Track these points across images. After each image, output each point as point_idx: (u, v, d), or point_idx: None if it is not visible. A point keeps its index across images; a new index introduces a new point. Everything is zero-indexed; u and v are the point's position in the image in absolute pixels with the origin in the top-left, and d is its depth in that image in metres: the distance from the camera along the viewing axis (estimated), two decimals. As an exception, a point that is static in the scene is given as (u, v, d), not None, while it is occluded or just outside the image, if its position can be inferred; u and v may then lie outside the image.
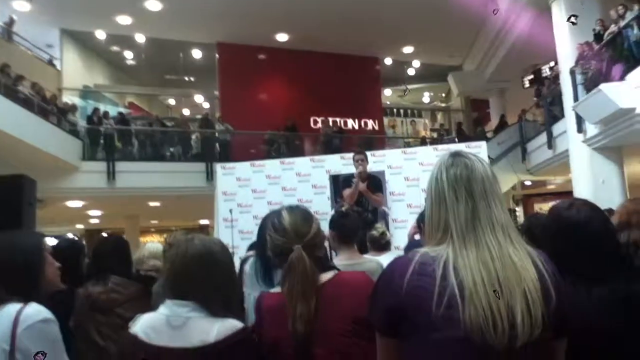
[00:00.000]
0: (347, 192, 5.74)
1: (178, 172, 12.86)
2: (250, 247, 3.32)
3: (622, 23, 8.88)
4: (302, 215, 1.64)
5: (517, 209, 14.95)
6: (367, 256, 3.05)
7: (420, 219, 2.92)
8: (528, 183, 13.93)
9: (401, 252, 3.84)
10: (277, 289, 1.62)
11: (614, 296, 1.46)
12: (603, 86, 8.32)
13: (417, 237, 3.23)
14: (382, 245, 3.55)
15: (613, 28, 9.15)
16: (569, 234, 1.54)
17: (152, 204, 14.38)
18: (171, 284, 1.57)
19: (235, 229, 7.68)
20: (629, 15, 8.75)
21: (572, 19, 7.36)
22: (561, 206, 1.64)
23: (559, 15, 10.51)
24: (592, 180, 9.67)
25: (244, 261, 2.76)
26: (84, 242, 4.21)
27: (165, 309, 1.53)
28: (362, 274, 1.64)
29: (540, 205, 14.34)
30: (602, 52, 9.01)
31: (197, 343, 1.45)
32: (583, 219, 1.55)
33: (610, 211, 7.45)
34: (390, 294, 1.22)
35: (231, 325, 1.49)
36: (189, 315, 1.49)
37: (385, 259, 3.17)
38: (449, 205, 1.25)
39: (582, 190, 9.83)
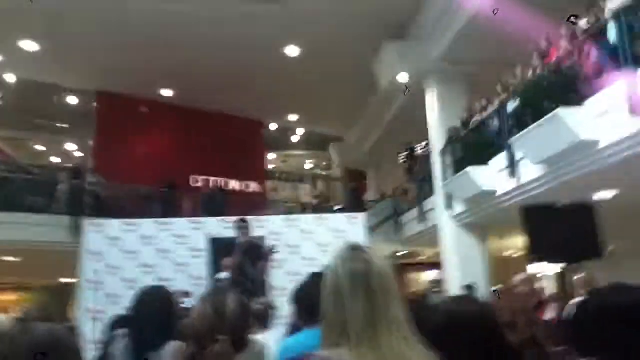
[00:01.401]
0: (227, 261, 5.58)
1: (40, 225, 11.70)
2: (116, 323, 3.02)
3: (485, 114, 9.85)
4: (245, 310, 1.52)
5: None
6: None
7: (294, 298, 2.87)
8: (402, 253, 14.55)
9: (281, 331, 3.75)
10: None
11: None
12: (469, 169, 9.09)
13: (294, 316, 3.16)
14: (265, 321, 3.43)
15: (478, 117, 10.12)
16: (461, 331, 1.57)
17: (8, 258, 12.93)
18: None
19: (102, 292, 7.11)
20: (490, 108, 9.74)
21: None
22: (452, 302, 1.68)
23: (431, 99, 11.50)
24: (459, 254, 10.35)
25: (109, 342, 2.47)
26: None
27: None
28: None
29: (412, 275, 14.98)
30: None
31: None
32: (474, 315, 1.60)
33: (470, 288, 7.91)
34: None
35: None
36: None
37: (266, 339, 3.05)
38: (346, 303, 1.20)
39: (450, 263, 10.47)
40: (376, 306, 1.20)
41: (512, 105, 8.55)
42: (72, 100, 16.43)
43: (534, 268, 12.82)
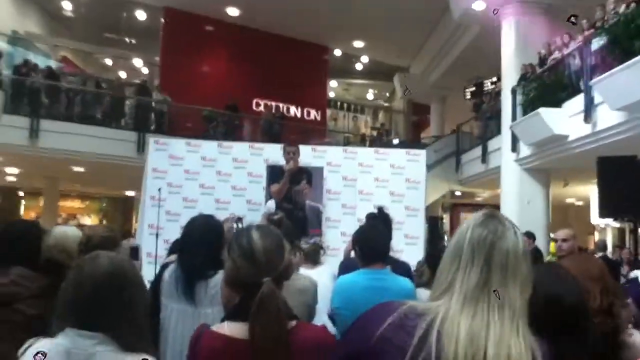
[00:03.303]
0: (274, 187, 5.50)
1: (107, 138, 12.20)
2: (171, 250, 3.06)
3: (565, 51, 9.17)
4: (276, 241, 1.42)
5: (444, 216, 15.34)
6: (301, 271, 2.92)
7: (355, 239, 2.83)
8: (458, 193, 14.29)
9: (333, 264, 3.74)
10: (219, 327, 1.37)
11: None
12: (541, 110, 8.58)
13: (352, 254, 3.14)
14: (315, 260, 3.43)
15: (557, 54, 9.44)
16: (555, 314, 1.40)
17: (75, 168, 13.62)
18: (75, 311, 1.33)
19: (162, 208, 7.33)
20: (573, 45, 9.04)
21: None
22: (547, 279, 1.49)
23: (508, 32, 10.74)
24: (519, 199, 10.03)
25: (163, 267, 2.52)
26: None
27: (65, 340, 1.29)
28: (323, 330, 1.48)
29: (466, 215, 14.74)
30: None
31: None
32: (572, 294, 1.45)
33: (529, 235, 7.54)
34: (360, 339, 1.14)
35: None
36: (96, 349, 1.29)
37: (318, 274, 3.06)
38: (462, 264, 1.13)
39: (509, 207, 10.18)
40: (492, 280, 1.11)
41: (597, 43, 7.88)
42: (141, 15, 16.48)
43: (596, 219, 12.34)
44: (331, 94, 20.20)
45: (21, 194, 19.57)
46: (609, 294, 1.87)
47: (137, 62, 18.56)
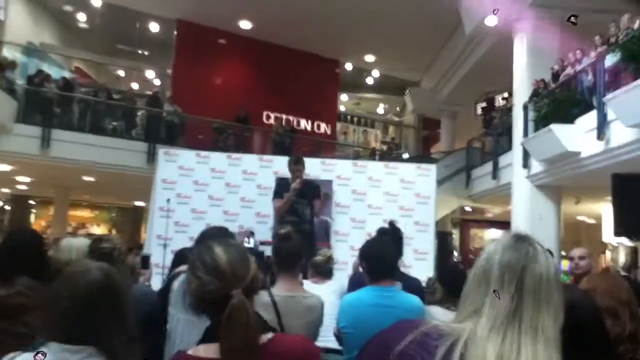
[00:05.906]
0: (278, 202, 5.37)
1: (118, 148, 12.26)
2: (178, 259, 3.02)
3: (578, 67, 9.12)
4: (239, 253, 1.36)
5: (453, 232, 15.22)
6: (307, 285, 2.87)
7: (362, 255, 2.77)
8: (468, 209, 14.18)
9: (342, 278, 3.69)
10: (195, 350, 1.31)
11: None
12: (553, 126, 8.52)
13: (361, 269, 3.09)
14: (325, 271, 3.37)
15: (569, 70, 9.39)
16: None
17: (86, 178, 13.68)
18: (62, 324, 1.28)
19: (171, 219, 7.33)
20: (585, 61, 8.99)
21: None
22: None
23: (520, 47, 10.71)
24: (531, 215, 9.91)
25: (172, 277, 2.48)
26: None
27: (50, 355, 1.23)
28: (303, 339, 1.42)
29: (476, 231, 14.63)
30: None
31: None
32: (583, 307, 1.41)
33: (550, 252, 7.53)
34: (379, 355, 1.11)
35: None
36: None
37: (326, 291, 3.01)
38: (491, 289, 1.07)
39: (520, 224, 10.07)
40: (524, 307, 1.05)
41: (610, 60, 7.82)
42: (154, 27, 16.61)
43: (608, 237, 12.16)
44: (342, 108, 20.22)
45: (32, 202, 19.68)
46: (636, 319, 1.81)
47: (150, 73, 18.67)
